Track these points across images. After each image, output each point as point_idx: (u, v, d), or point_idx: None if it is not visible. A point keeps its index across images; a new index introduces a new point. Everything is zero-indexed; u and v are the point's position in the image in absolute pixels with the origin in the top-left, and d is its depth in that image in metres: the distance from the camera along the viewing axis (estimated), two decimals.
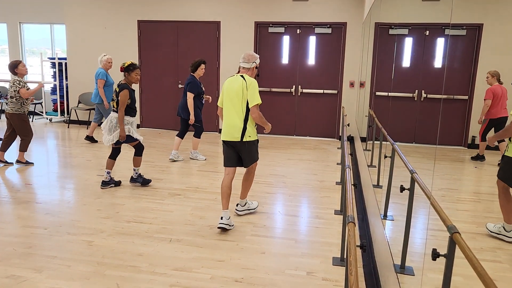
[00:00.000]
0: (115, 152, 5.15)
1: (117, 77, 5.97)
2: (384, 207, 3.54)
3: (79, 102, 9.53)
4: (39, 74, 10.04)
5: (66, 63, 9.72)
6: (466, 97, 2.47)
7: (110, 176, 5.16)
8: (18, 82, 5.78)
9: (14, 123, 5.91)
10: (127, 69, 5.00)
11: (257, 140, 4.15)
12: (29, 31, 10.82)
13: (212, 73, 8.88)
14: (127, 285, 2.99)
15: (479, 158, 2.41)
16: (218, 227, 3.93)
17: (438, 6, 2.87)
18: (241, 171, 4.37)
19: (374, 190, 4.29)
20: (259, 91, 4.12)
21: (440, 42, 3.07)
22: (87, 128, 9.27)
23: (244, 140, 3.99)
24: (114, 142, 4.99)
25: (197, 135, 6.56)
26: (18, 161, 6.06)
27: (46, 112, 10.29)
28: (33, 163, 6.17)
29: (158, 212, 4.41)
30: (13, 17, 10.58)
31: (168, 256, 3.43)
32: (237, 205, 4.41)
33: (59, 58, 9.73)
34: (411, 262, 2.66)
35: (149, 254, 3.46)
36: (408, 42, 4.02)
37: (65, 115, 9.98)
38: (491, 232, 1.89)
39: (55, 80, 9.83)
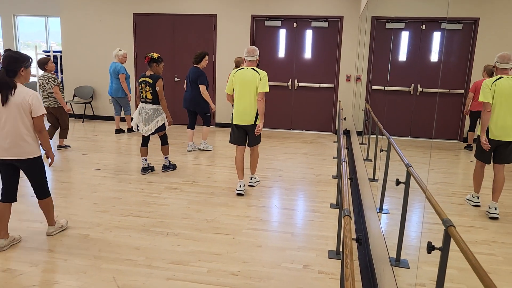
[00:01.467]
0: (147, 140, 5.43)
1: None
2: (380, 200, 3.56)
3: (74, 96, 9.48)
4: (34, 67, 9.96)
5: (61, 56, 9.65)
6: (462, 91, 2.48)
7: (148, 163, 5.50)
8: (53, 79, 6.23)
9: (60, 114, 6.40)
10: (157, 60, 5.30)
11: None
12: (24, 23, 10.73)
13: (208, 66, 8.84)
14: (124, 278, 3.00)
15: (468, 147, 2.45)
16: (237, 194, 4.75)
17: (435, 0, 2.87)
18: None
19: (370, 184, 4.31)
20: None
21: (437, 36, 3.07)
22: (83, 122, 9.24)
23: (256, 123, 4.70)
24: (153, 131, 5.26)
25: (208, 124, 6.72)
26: (60, 146, 6.70)
27: None
28: (70, 145, 6.88)
29: (154, 205, 4.41)
30: (7, 10, 10.48)
31: (165, 250, 3.44)
32: (250, 178, 5.12)
33: (54, 51, 9.67)
34: (406, 255, 2.68)
35: (146, 248, 3.47)
36: (405, 36, 4.02)
37: None
38: (466, 200, 2.04)
39: None
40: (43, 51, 9.90)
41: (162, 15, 8.90)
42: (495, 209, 1.94)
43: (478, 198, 2.03)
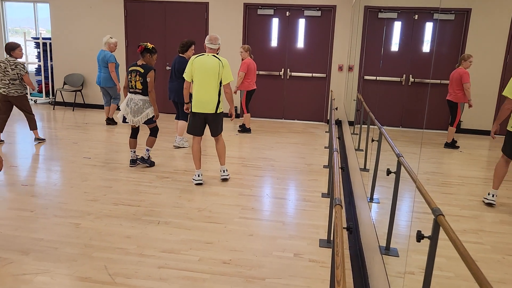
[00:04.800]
0: (136, 131, 5.33)
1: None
2: (370, 190, 3.59)
3: (64, 84, 9.37)
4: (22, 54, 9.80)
5: (50, 43, 9.51)
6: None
7: (136, 155, 5.37)
8: (22, 66, 5.95)
9: (21, 104, 6.05)
10: (151, 51, 5.08)
11: (223, 112, 4.78)
12: (12, 9, 10.52)
13: None
14: (115, 266, 3.00)
15: (451, 145, 2.48)
16: (196, 184, 4.71)
17: None
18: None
19: (361, 173, 4.34)
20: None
21: (429, 27, 3.07)
22: (73, 110, 9.15)
23: (217, 112, 4.61)
24: (143, 122, 5.13)
25: (186, 118, 6.22)
26: (37, 139, 6.32)
27: (30, 94, 10.09)
28: (45, 139, 6.47)
29: (146, 194, 4.40)
30: None
31: (156, 238, 3.44)
32: (223, 171, 4.90)
33: (43, 38, 9.51)
34: (396, 244, 2.72)
35: (137, 236, 3.47)
36: (397, 26, 4.02)
37: (50, 96, 9.81)
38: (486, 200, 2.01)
39: (39, 61, 9.62)
40: (32, 38, 9.74)
41: (153, 2, 8.79)
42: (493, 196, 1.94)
43: (493, 196, 1.98)
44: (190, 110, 4.70)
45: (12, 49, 5.94)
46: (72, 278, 2.84)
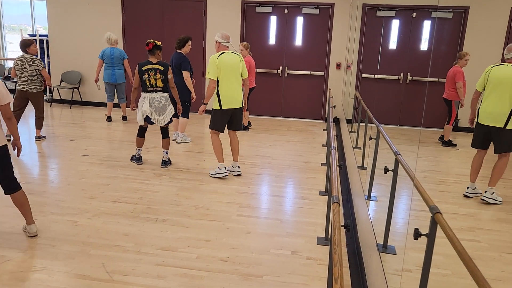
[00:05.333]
0: (145, 129, 5.26)
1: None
2: (368, 188, 3.59)
3: (61, 81, 9.33)
4: (19, 52, 9.77)
5: (47, 41, 9.47)
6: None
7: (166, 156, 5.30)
8: (39, 61, 5.96)
9: (38, 101, 6.06)
10: (160, 47, 5.05)
11: None
12: (8, 6, 10.47)
13: (198, 52, 8.77)
14: (113, 264, 3.00)
15: (448, 143, 2.50)
16: (237, 175, 4.98)
17: None
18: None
19: (358, 171, 4.35)
20: None
21: (427, 25, 3.08)
22: (70, 107, 9.12)
23: (241, 106, 4.95)
24: (169, 119, 5.09)
25: (186, 115, 6.32)
26: (38, 137, 6.29)
27: None
28: (45, 136, 6.48)
29: (143, 192, 4.40)
30: None
31: (154, 236, 3.44)
32: (238, 167, 5.05)
33: (40, 35, 9.47)
34: (393, 242, 2.72)
35: (135, 234, 3.46)
36: (395, 24, 4.02)
37: (47, 94, 9.78)
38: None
39: None
40: (28, 34, 9.70)
41: None
42: (485, 192, 1.96)
43: (469, 188, 2.04)
44: (220, 107, 4.72)
45: (27, 45, 5.95)
46: (69, 276, 2.84)
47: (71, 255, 3.10)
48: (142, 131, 5.25)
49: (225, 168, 4.91)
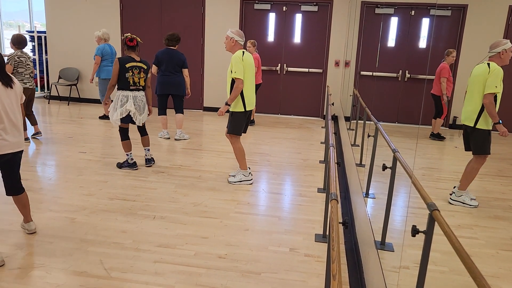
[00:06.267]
0: (128, 130, 4.99)
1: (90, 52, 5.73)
2: (366, 185, 3.60)
3: (59, 78, 9.31)
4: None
5: (45, 37, 9.43)
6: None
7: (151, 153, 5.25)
8: (30, 58, 5.88)
9: (31, 98, 5.96)
10: (139, 44, 4.89)
11: None
12: (6, 2, 10.43)
13: (197, 49, 8.76)
14: (111, 261, 3.00)
15: (437, 136, 2.51)
16: (251, 183, 4.70)
17: None
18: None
19: (357, 168, 4.36)
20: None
21: (425, 22, 3.08)
22: (68, 104, 9.09)
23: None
24: (145, 120, 4.97)
25: (182, 111, 6.44)
26: (36, 133, 6.19)
27: None
28: (40, 132, 6.31)
29: (141, 189, 4.39)
30: None
31: (152, 233, 3.44)
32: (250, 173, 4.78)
33: (38, 32, 9.44)
34: (391, 239, 2.73)
35: (133, 231, 3.46)
36: (394, 22, 4.02)
37: (45, 90, 9.75)
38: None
39: (34, 55, 9.56)
40: (26, 31, 9.66)
41: None
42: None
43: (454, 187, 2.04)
44: (245, 109, 4.52)
45: (25, 42, 5.86)
46: (67, 273, 2.84)
47: (69, 252, 3.10)
48: (125, 133, 4.96)
49: (250, 173, 4.72)
